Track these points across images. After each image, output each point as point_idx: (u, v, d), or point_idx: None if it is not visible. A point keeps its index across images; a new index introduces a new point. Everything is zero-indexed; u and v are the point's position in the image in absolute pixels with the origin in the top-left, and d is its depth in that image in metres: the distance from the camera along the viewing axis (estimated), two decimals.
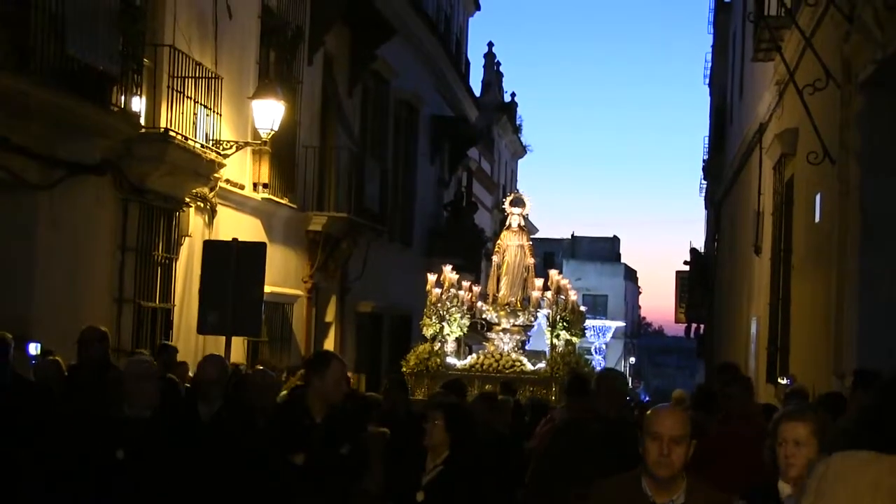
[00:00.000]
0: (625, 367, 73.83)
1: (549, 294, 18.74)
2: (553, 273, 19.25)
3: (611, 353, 70.22)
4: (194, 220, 16.77)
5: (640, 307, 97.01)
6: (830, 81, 11.62)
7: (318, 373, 7.22)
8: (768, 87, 18.32)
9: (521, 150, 55.52)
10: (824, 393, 9.83)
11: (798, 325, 14.70)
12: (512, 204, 20.09)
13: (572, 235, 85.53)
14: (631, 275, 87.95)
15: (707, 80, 43.51)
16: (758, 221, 19.80)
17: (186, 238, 16.48)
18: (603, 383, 8.40)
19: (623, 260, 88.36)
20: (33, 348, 9.45)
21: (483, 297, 19.99)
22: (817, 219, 13.18)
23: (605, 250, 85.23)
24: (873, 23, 10.07)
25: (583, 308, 19.90)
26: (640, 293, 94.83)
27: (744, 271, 22.72)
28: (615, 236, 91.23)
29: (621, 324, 74.30)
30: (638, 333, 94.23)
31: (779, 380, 13.99)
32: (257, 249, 14.40)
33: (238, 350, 16.79)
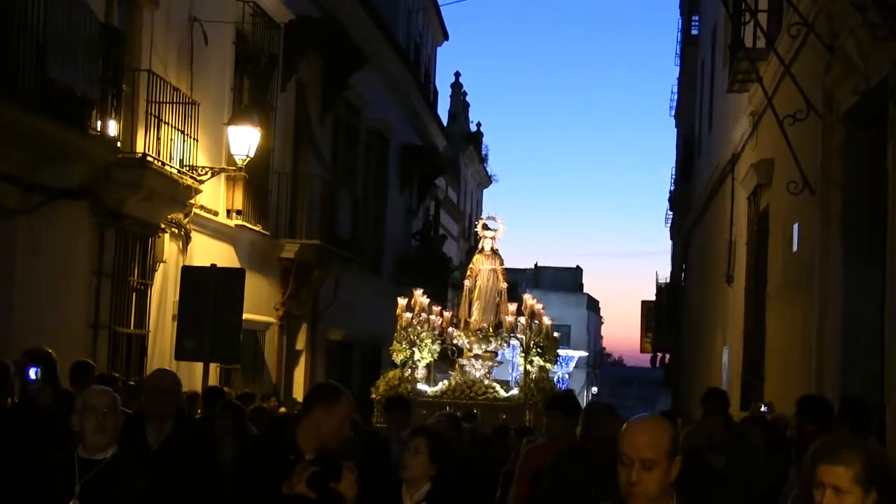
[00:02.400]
0: (587, 396, 73.80)
1: (522, 319, 18.56)
2: (527, 297, 19.10)
3: (573, 382, 70.18)
4: (169, 246, 16.70)
5: (601, 337, 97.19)
6: (811, 112, 11.70)
7: (327, 406, 6.19)
8: (741, 117, 18.44)
9: (487, 180, 55.60)
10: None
11: (774, 354, 14.76)
12: (485, 227, 19.88)
13: (535, 265, 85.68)
14: (593, 305, 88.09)
15: (673, 112, 43.79)
16: (730, 251, 19.89)
17: (161, 264, 16.41)
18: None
19: (585, 290, 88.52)
20: (33, 373, 9.33)
21: (454, 322, 19.85)
22: (795, 248, 13.26)
23: (568, 281, 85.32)
24: (856, 54, 10.16)
25: (556, 334, 19.77)
26: (602, 323, 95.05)
27: (715, 301, 22.80)
28: (578, 266, 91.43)
29: (584, 353, 74.42)
30: (600, 363, 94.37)
31: (757, 406, 14.04)
32: (236, 276, 14.38)
33: (211, 378, 16.69)
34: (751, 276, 17.22)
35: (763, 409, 12.39)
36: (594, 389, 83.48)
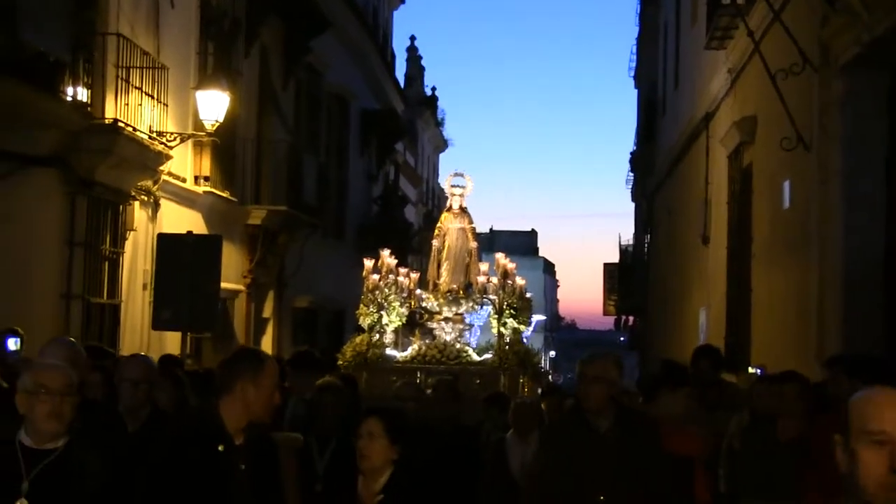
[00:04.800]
0: (546, 360, 73.83)
1: (494, 279, 17.96)
2: (499, 256, 18.43)
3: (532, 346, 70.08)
4: (139, 214, 16.31)
5: (557, 301, 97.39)
6: (806, 66, 11.46)
7: (253, 376, 5.38)
8: (717, 75, 18.19)
9: (443, 144, 55.27)
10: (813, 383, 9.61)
11: (763, 314, 14.54)
12: (453, 185, 19.17)
13: (491, 230, 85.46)
14: (549, 268, 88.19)
15: (632, 73, 43.41)
16: (706, 211, 19.66)
17: (131, 232, 16.01)
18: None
19: (541, 254, 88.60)
20: (13, 343, 8.83)
21: (422, 284, 19.26)
22: (786, 206, 13.03)
23: (524, 244, 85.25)
24: (858, 3, 9.93)
25: (529, 295, 19.12)
26: (558, 286, 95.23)
27: (688, 262, 22.59)
28: (533, 230, 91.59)
29: (542, 317, 74.30)
30: (556, 327, 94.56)
31: (749, 369, 13.79)
32: (213, 242, 14.06)
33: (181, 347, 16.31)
34: (733, 235, 16.97)
35: (758, 371, 12.17)
36: (552, 353, 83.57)
